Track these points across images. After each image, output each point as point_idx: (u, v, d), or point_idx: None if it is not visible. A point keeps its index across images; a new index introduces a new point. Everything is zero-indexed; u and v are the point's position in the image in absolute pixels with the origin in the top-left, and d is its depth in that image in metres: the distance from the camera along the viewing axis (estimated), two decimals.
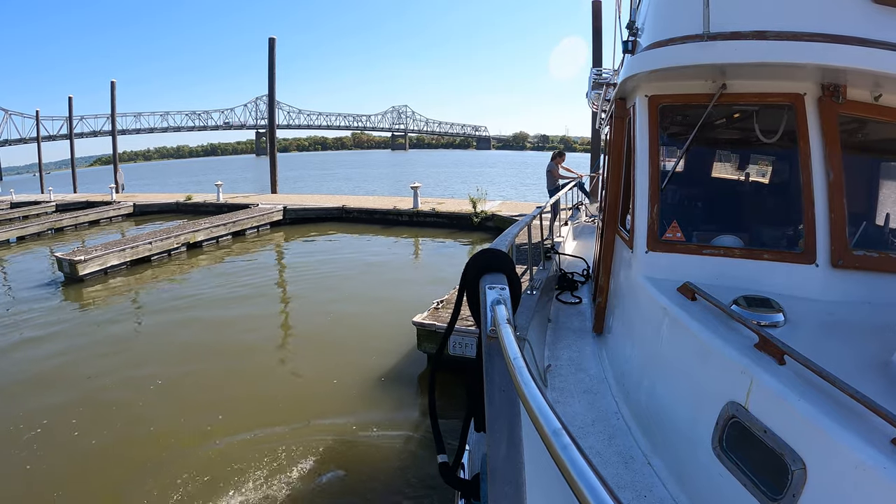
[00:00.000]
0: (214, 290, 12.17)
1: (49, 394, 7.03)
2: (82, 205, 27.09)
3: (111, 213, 24.45)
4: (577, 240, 8.93)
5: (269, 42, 31.34)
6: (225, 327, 9.66)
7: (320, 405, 6.54)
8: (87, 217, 23.26)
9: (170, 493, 4.88)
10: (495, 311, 1.24)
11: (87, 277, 12.88)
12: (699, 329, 2.32)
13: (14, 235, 19.94)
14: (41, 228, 20.95)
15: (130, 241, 14.90)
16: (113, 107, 37.85)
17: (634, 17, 3.83)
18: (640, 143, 3.27)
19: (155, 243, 15.06)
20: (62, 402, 6.77)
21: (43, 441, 5.84)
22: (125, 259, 14.00)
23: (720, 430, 2.04)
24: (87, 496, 4.96)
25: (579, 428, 2.96)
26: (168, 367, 7.77)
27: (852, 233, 2.74)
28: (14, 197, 30.93)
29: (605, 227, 4.23)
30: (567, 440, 0.78)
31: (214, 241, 17.47)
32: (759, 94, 2.93)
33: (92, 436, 5.92)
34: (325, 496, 4.88)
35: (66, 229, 21.85)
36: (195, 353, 8.40)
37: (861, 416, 1.55)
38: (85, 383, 7.36)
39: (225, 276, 13.62)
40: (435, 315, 7.35)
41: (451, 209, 19.79)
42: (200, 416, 6.31)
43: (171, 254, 15.54)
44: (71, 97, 42.94)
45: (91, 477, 5.20)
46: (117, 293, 12.29)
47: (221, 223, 18.16)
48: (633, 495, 2.37)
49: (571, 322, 4.73)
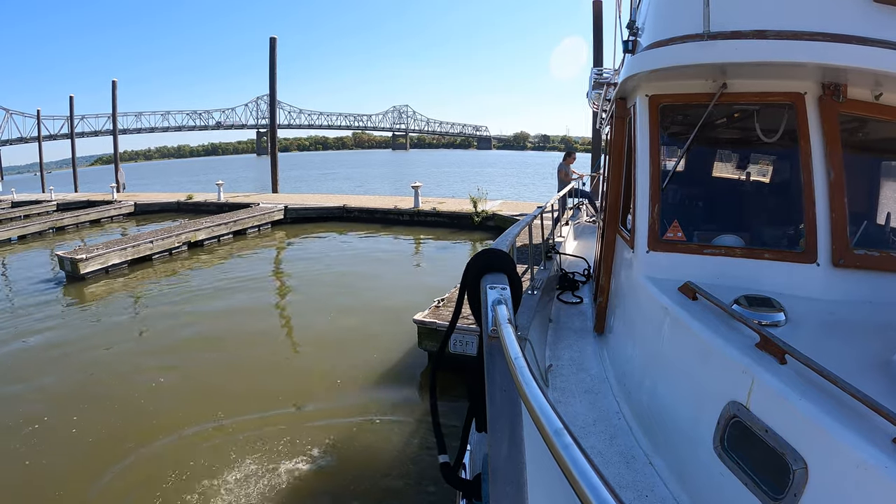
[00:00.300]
0: (215, 288, 12.24)
1: (49, 388, 7.11)
2: (83, 204, 27.12)
3: (112, 212, 24.49)
4: (578, 240, 8.93)
5: (270, 42, 31.41)
6: (226, 324, 9.73)
7: (321, 402, 6.57)
8: (88, 216, 23.30)
9: (169, 485, 4.93)
10: (496, 311, 1.25)
11: (89, 276, 12.92)
12: (700, 329, 2.32)
13: (15, 234, 19.98)
14: (42, 227, 20.98)
15: (132, 240, 14.94)
16: (114, 106, 37.92)
17: (635, 16, 3.83)
18: (640, 142, 3.27)
19: (156, 242, 15.08)
20: (62, 396, 6.85)
21: (41, 435, 5.89)
22: (126, 258, 14.03)
23: (721, 429, 2.04)
24: (85, 488, 4.99)
25: (581, 428, 2.95)
26: (169, 363, 7.84)
27: (853, 232, 2.74)
28: (15, 196, 30.98)
29: (606, 227, 4.23)
30: (568, 440, 0.78)
31: (216, 239, 17.49)
32: (760, 94, 2.93)
33: (91, 429, 5.98)
34: (324, 495, 4.88)
35: (68, 228, 21.89)
36: (196, 349, 8.48)
37: (862, 416, 1.55)
38: (85, 378, 7.42)
39: (226, 275, 13.68)
40: (435, 313, 7.40)
41: (451, 209, 19.84)
42: (200, 410, 6.37)
43: (172, 253, 15.55)
44: (72, 96, 43.19)
45: (90, 470, 5.24)
46: (118, 291, 12.35)
47: (223, 222, 18.19)
48: (634, 495, 2.37)
49: (572, 322, 4.72)
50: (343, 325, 9.39)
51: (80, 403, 6.63)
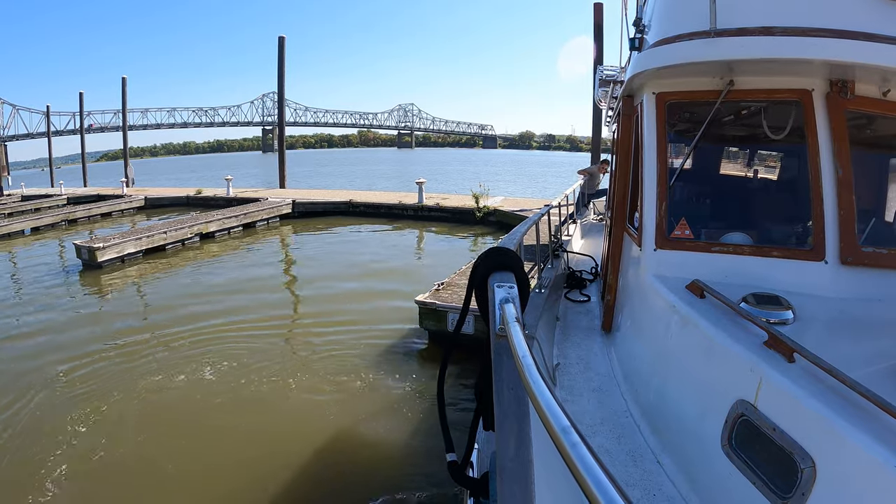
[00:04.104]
0: (226, 276, 12.84)
1: (70, 368, 7.57)
2: (93, 198, 27.48)
3: (123, 206, 24.93)
4: (586, 238, 8.90)
5: (278, 41, 31.67)
6: (235, 310, 10.26)
7: (326, 384, 7.06)
8: (99, 209, 23.74)
9: (168, 470, 5.15)
10: (504, 310, 1.26)
11: (105, 264, 13.46)
12: (708, 327, 2.31)
13: (29, 226, 20.44)
14: (55, 220, 21.43)
15: (146, 231, 15.49)
16: (124, 102, 38.41)
17: (641, 13, 3.81)
18: (647, 140, 3.25)
19: (170, 233, 15.62)
20: (80, 376, 7.29)
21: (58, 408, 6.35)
22: (141, 247, 14.56)
23: (729, 428, 2.02)
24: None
25: (588, 426, 2.92)
26: (178, 347, 8.34)
27: (861, 229, 2.71)
28: (25, 190, 31.26)
29: (614, 225, 4.20)
30: (576, 438, 0.79)
31: (226, 231, 18.01)
32: (767, 91, 2.91)
33: (115, 408, 6.38)
34: (328, 490, 4.93)
35: (80, 221, 22.37)
36: (207, 334, 8.95)
37: (872, 415, 1.53)
38: (102, 360, 7.90)
39: (236, 263, 14.37)
40: (435, 295, 8.15)
41: (454, 204, 20.27)
42: (204, 393, 6.73)
43: (184, 243, 16.10)
44: (82, 93, 43.55)
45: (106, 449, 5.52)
46: (133, 278, 12.99)
47: (233, 215, 18.71)
48: (642, 493, 2.35)
49: (580, 320, 4.67)
50: (349, 308, 10.13)
51: (95, 383, 7.11)
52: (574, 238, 8.15)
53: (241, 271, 13.36)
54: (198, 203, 25.42)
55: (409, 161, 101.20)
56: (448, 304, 7.86)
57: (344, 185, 37.85)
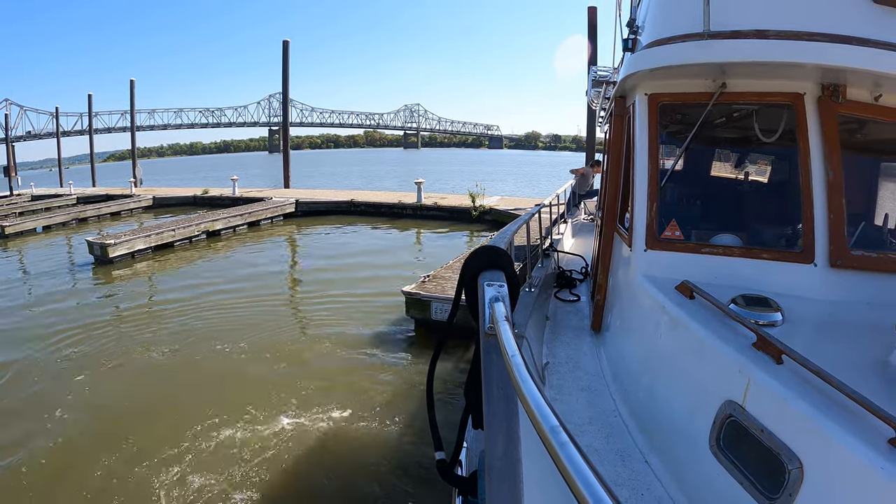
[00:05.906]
0: (231, 272, 13.45)
1: (83, 355, 8.18)
2: (102, 198, 27.85)
3: (132, 205, 25.40)
4: (576, 237, 8.87)
5: (283, 45, 32.02)
6: (239, 303, 10.84)
7: (321, 360, 7.74)
8: (108, 209, 24.22)
9: (167, 453, 5.36)
10: (493, 309, 1.26)
11: (117, 259, 14.11)
12: (697, 327, 2.30)
13: (41, 224, 20.95)
14: (66, 219, 21.93)
15: (155, 228, 16.12)
16: (132, 104, 39.22)
17: (635, 14, 3.80)
18: (639, 141, 3.25)
19: (178, 230, 16.25)
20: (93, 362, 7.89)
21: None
22: (151, 244, 15.16)
23: (717, 428, 2.02)
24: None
25: (577, 425, 2.92)
26: (179, 337, 8.89)
27: (851, 232, 2.71)
28: (34, 190, 31.57)
29: (604, 225, 4.18)
30: (564, 438, 0.79)
31: (232, 229, 18.58)
32: (759, 94, 2.90)
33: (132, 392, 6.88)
34: (316, 490, 4.95)
35: (90, 220, 22.84)
36: (210, 325, 9.48)
37: (858, 416, 1.53)
38: (117, 345, 8.55)
39: (241, 260, 15.07)
40: (421, 286, 8.66)
41: (452, 203, 20.79)
42: (201, 389, 7.03)
43: (192, 240, 16.72)
44: (90, 94, 44.36)
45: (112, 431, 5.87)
46: (144, 273, 13.71)
47: (238, 213, 19.29)
48: (630, 493, 2.35)
49: (570, 320, 4.66)
50: (346, 298, 10.94)
51: (112, 364, 7.84)
52: (564, 237, 8.13)
53: (243, 267, 14.02)
54: (204, 202, 25.86)
55: (413, 161, 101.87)
56: (431, 295, 8.18)
57: (347, 185, 38.41)
